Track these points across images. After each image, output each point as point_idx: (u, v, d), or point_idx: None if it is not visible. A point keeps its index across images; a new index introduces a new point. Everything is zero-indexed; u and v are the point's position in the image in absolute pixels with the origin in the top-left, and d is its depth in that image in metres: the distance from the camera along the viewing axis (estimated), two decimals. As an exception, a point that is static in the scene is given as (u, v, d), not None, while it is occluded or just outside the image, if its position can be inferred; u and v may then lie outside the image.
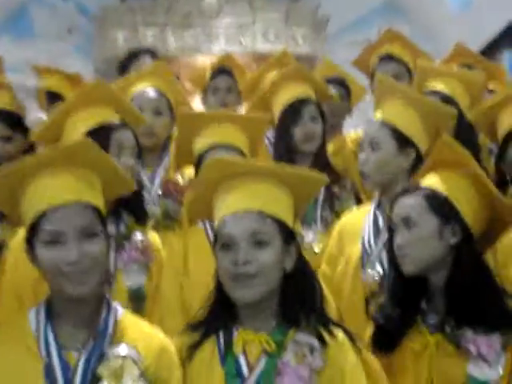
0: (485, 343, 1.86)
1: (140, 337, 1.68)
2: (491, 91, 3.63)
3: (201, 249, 2.16)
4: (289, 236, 1.74)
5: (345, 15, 8.00)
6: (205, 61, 4.54)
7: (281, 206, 1.75)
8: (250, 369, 1.68)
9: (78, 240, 1.61)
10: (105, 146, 2.05)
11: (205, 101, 3.94)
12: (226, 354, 1.70)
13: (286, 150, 2.91)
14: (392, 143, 2.46)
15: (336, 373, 1.68)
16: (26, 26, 7.72)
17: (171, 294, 2.29)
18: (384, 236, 2.29)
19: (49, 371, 1.60)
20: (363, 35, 7.27)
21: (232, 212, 1.70)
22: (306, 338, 1.67)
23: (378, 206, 2.46)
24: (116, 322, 1.68)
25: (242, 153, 2.45)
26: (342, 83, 3.64)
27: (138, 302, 2.18)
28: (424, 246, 1.95)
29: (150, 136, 2.92)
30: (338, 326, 1.77)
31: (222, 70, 3.95)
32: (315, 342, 1.67)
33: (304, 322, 1.70)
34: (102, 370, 1.59)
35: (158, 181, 2.91)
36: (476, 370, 1.85)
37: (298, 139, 2.94)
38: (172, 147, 3.32)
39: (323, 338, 1.69)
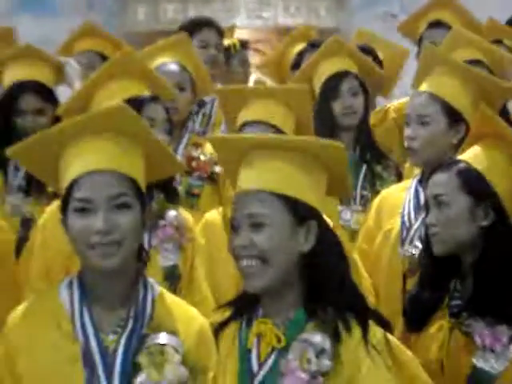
0: (491, 335, 1.81)
1: (179, 318, 1.63)
2: None
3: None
4: (304, 214, 1.62)
5: (368, -13, 7.86)
6: (226, 35, 4.47)
7: (293, 182, 1.63)
8: (259, 365, 1.59)
9: (107, 209, 1.55)
10: None
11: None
12: (244, 345, 1.62)
13: (326, 126, 2.86)
14: (442, 119, 2.39)
15: (351, 376, 1.55)
16: (46, 2, 7.70)
17: (201, 272, 2.25)
18: (424, 212, 2.25)
19: (86, 355, 1.55)
20: (386, 8, 7.16)
21: (239, 192, 1.65)
22: (312, 337, 1.54)
23: (421, 181, 2.41)
24: (154, 301, 1.63)
25: (278, 129, 2.38)
26: (370, 52, 3.53)
27: (172, 281, 2.14)
28: (454, 227, 1.89)
29: (173, 112, 2.84)
30: (376, 318, 1.63)
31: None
32: (325, 342, 1.53)
33: (322, 314, 1.57)
34: (142, 359, 1.54)
35: (178, 158, 2.83)
36: (481, 360, 1.82)
37: (338, 113, 2.89)
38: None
39: (338, 336, 1.55)
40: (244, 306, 1.68)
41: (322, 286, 1.60)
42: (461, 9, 3.68)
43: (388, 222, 2.40)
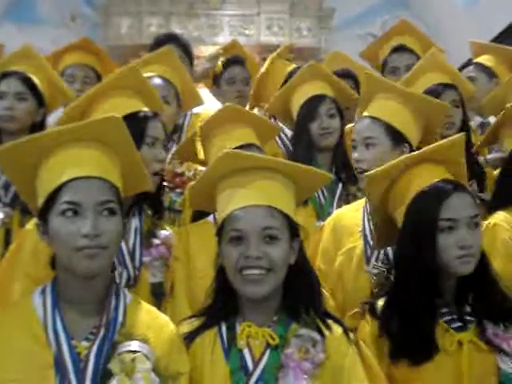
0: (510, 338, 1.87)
1: (151, 326, 1.65)
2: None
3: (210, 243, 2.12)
4: (294, 231, 1.74)
5: (349, 8, 7.98)
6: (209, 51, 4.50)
7: (287, 201, 1.75)
8: (255, 362, 1.67)
9: (95, 214, 1.57)
10: (138, 136, 2.03)
11: (218, 91, 3.89)
12: (230, 348, 1.70)
13: (304, 147, 2.92)
14: (386, 140, 2.46)
15: (335, 367, 1.68)
16: (29, 12, 7.71)
17: (181, 289, 2.27)
18: None
19: (59, 361, 1.55)
20: (367, 28, 7.29)
21: (242, 206, 1.69)
22: (308, 332, 1.69)
23: None
24: (126, 309, 1.64)
25: (260, 151, 2.43)
26: (349, 75, 3.60)
27: (158, 297, 2.15)
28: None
29: None
30: (336, 320, 1.78)
31: (236, 60, 3.91)
32: (317, 336, 1.69)
33: (304, 316, 1.70)
34: (114, 366, 1.55)
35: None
36: (506, 364, 1.86)
37: (315, 134, 2.94)
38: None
39: (322, 333, 1.69)
40: (218, 315, 1.74)
41: (299, 291, 1.74)
42: (421, 35, 3.77)
43: (348, 241, 2.42)
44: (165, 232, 2.22)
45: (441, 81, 3.09)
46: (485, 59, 3.83)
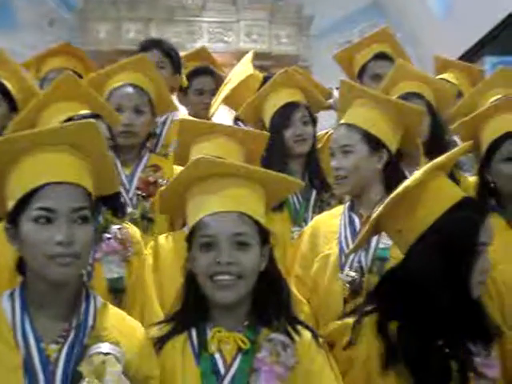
0: (490, 365, 1.84)
1: (121, 329, 1.64)
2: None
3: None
4: (265, 237, 1.75)
5: (328, 16, 8.03)
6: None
7: (258, 207, 1.76)
8: (227, 366, 1.68)
9: (68, 221, 1.55)
10: None
11: (184, 99, 3.88)
12: (200, 352, 1.71)
13: (277, 153, 2.92)
14: (364, 147, 2.47)
15: (305, 371, 1.70)
16: (7, 16, 7.66)
17: (152, 289, 2.28)
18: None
19: (27, 364, 1.53)
20: (346, 36, 7.31)
21: (213, 212, 1.70)
22: (278, 336, 1.70)
23: (352, 208, 2.48)
24: (96, 313, 1.63)
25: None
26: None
27: (116, 293, 2.15)
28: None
29: (130, 135, 2.82)
30: (305, 326, 1.79)
31: (205, 70, 3.91)
32: (287, 340, 1.70)
33: (275, 321, 1.71)
34: (84, 368, 1.53)
35: (136, 181, 2.79)
36: None
37: (290, 141, 2.95)
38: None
39: (292, 337, 1.72)
40: (188, 320, 1.74)
41: (269, 297, 1.75)
42: (398, 43, 3.79)
43: (325, 248, 2.42)
44: (116, 227, 2.22)
45: (409, 90, 3.12)
46: (448, 75, 3.87)
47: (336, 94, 3.44)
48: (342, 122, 2.57)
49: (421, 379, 1.76)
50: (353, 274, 2.33)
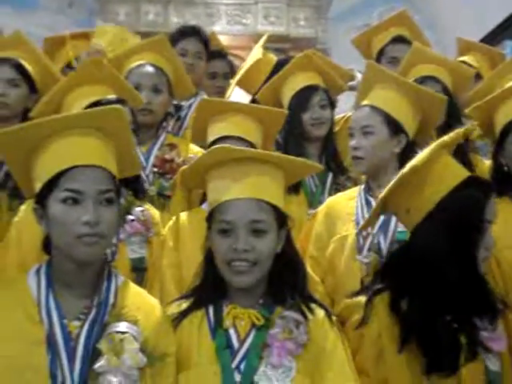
0: (496, 338, 1.88)
1: (140, 307, 1.69)
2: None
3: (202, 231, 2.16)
4: (282, 221, 1.78)
5: (347, -1, 8.00)
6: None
7: (277, 192, 1.79)
8: (240, 341, 1.72)
9: (95, 202, 1.60)
10: None
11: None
12: (216, 328, 1.74)
13: (295, 136, 2.96)
14: (384, 129, 2.49)
15: (317, 349, 1.73)
16: (28, -3, 7.70)
17: (168, 269, 2.33)
18: (380, 219, 2.33)
19: (51, 340, 1.59)
20: (364, 20, 7.29)
21: (232, 198, 1.73)
22: (291, 314, 1.75)
23: (368, 190, 2.50)
24: (117, 291, 1.69)
25: (252, 146, 2.45)
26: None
27: (139, 272, 2.23)
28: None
29: (148, 113, 2.87)
30: (319, 304, 1.83)
31: (218, 54, 3.93)
32: (300, 318, 1.73)
33: (289, 300, 1.75)
34: (103, 346, 1.59)
35: (152, 159, 2.84)
36: (493, 363, 1.89)
37: (307, 124, 2.97)
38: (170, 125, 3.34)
39: (305, 315, 1.75)
40: (206, 297, 1.80)
41: (285, 278, 1.79)
42: (416, 27, 3.79)
43: (341, 229, 2.44)
44: (139, 208, 2.29)
45: (426, 73, 3.12)
46: (469, 58, 3.86)
47: (359, 76, 3.45)
48: (365, 103, 2.58)
49: (431, 354, 1.80)
50: (372, 255, 2.35)
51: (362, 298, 1.90)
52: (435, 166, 1.89)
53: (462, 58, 3.87)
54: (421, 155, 1.89)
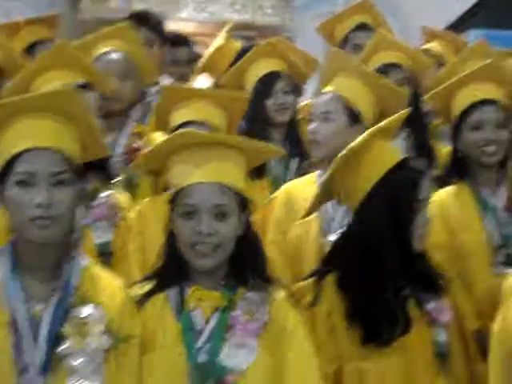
0: (443, 309, 1.98)
1: (104, 289, 1.71)
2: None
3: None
4: (244, 205, 1.82)
5: (313, -13, 8.00)
6: (171, 28, 4.49)
7: (239, 176, 1.82)
8: (204, 323, 1.75)
9: (48, 184, 1.61)
10: None
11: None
12: (180, 310, 1.77)
13: (259, 122, 2.98)
14: (343, 117, 2.53)
15: (278, 329, 1.77)
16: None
17: (134, 254, 2.34)
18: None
19: (14, 322, 1.60)
20: (329, 7, 7.30)
21: (195, 182, 1.75)
22: (253, 295, 1.78)
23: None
24: (81, 274, 1.70)
25: (216, 131, 2.46)
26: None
27: (105, 257, 2.24)
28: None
29: (116, 100, 2.87)
30: (279, 285, 1.86)
31: (180, 41, 3.92)
32: (262, 299, 1.79)
33: (251, 281, 1.81)
34: (67, 328, 1.61)
35: (120, 147, 2.86)
36: (440, 334, 1.98)
37: (271, 110, 3.00)
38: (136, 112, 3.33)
39: (266, 296, 1.80)
40: (169, 279, 1.81)
41: (246, 259, 1.82)
42: (379, 14, 3.84)
43: (302, 214, 2.39)
44: (104, 193, 2.30)
45: (388, 60, 3.16)
46: (434, 46, 3.92)
47: None
48: (327, 89, 2.61)
49: (370, 326, 1.91)
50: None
51: (312, 280, 2.00)
52: (371, 148, 1.99)
53: (426, 46, 3.93)
54: (358, 138, 1.99)
